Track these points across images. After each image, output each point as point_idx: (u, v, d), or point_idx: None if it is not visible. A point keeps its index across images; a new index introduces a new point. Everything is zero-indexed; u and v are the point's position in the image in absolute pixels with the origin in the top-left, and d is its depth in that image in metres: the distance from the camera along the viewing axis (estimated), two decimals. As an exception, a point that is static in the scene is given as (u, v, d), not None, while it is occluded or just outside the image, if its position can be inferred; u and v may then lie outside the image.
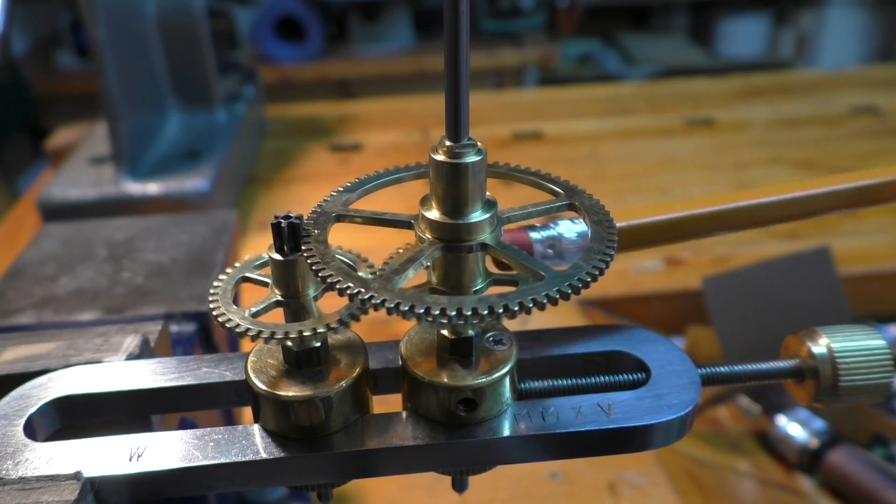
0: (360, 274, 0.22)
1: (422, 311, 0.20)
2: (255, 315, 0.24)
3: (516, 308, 0.20)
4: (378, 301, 0.20)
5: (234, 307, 0.24)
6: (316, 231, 0.24)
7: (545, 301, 0.20)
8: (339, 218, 0.25)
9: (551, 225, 0.27)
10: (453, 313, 0.20)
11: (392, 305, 0.20)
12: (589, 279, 0.21)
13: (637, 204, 0.70)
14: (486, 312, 0.20)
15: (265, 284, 0.25)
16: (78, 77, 1.82)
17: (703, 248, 0.76)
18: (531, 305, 0.20)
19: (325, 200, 0.25)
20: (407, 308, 0.20)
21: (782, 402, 0.59)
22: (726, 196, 0.29)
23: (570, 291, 0.21)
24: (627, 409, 0.24)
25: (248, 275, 0.26)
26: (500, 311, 0.20)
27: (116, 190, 0.75)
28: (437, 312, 0.20)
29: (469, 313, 0.20)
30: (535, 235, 0.26)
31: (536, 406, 0.25)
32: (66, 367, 0.27)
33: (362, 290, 0.21)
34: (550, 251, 0.26)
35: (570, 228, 0.27)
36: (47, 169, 1.02)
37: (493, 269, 0.25)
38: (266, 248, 0.24)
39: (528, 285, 0.21)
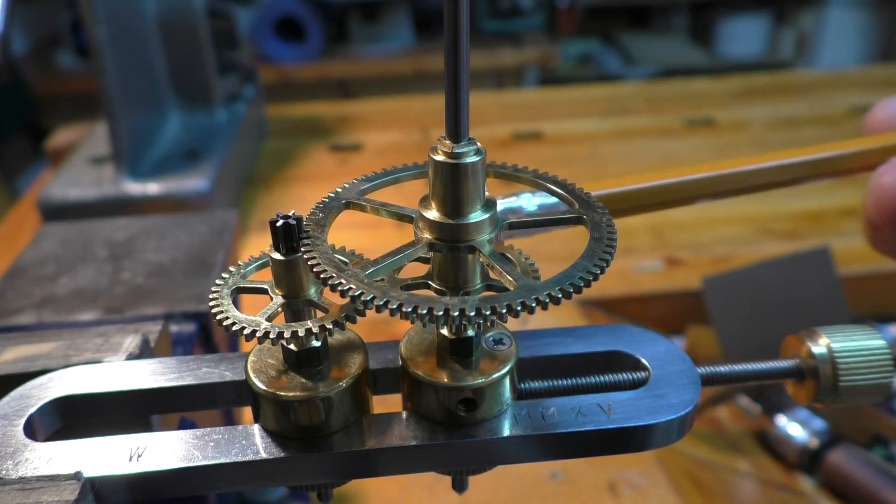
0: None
1: (409, 309, 0.20)
2: (268, 320, 0.24)
3: (519, 308, 0.20)
4: (368, 298, 0.20)
5: (234, 307, 0.24)
6: (321, 215, 0.24)
7: (547, 300, 0.20)
8: (348, 205, 0.25)
9: (513, 196, 0.27)
10: (455, 314, 0.20)
11: (383, 303, 0.20)
12: (590, 278, 0.21)
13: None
14: (488, 312, 0.20)
15: (263, 291, 0.25)
16: (78, 77, 1.82)
17: (703, 248, 0.76)
18: (534, 305, 0.20)
19: (335, 192, 0.25)
20: (395, 307, 0.20)
21: (782, 402, 0.59)
22: (705, 165, 0.30)
23: (571, 290, 0.21)
24: (627, 409, 0.24)
25: (242, 285, 0.25)
26: (504, 311, 0.20)
27: (116, 190, 0.75)
28: (428, 312, 0.20)
29: (472, 313, 0.20)
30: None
31: (536, 406, 0.25)
32: (66, 367, 0.27)
33: (353, 287, 0.21)
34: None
35: (531, 201, 0.27)
36: (47, 169, 1.02)
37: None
38: (266, 248, 0.24)
39: (527, 285, 0.21)
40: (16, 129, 1.94)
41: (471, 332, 0.24)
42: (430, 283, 0.24)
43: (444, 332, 0.24)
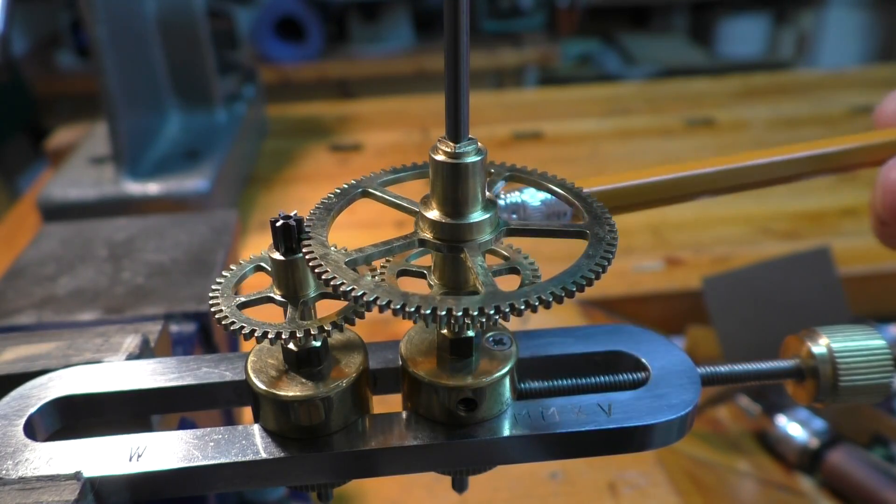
0: (357, 272, 0.22)
1: (411, 309, 0.20)
2: (240, 307, 0.24)
3: (522, 307, 0.20)
4: (371, 299, 0.20)
5: (235, 307, 0.24)
6: (334, 199, 0.24)
7: (550, 299, 0.20)
8: (365, 193, 0.25)
9: (516, 192, 0.27)
10: (457, 314, 0.20)
11: (384, 303, 0.20)
12: (592, 276, 0.21)
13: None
14: (490, 312, 0.20)
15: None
16: (78, 77, 1.82)
17: (704, 248, 0.76)
18: (537, 304, 0.20)
19: (355, 180, 0.26)
20: (398, 307, 0.20)
21: (782, 402, 0.59)
22: (707, 160, 0.30)
23: (573, 289, 0.21)
24: (627, 409, 0.24)
25: (262, 264, 0.26)
26: (506, 310, 0.20)
27: (116, 190, 0.74)
28: (431, 312, 0.20)
29: (474, 313, 0.20)
30: (499, 202, 0.26)
31: (536, 406, 0.25)
32: (66, 367, 0.27)
33: (355, 287, 0.21)
34: (514, 216, 0.27)
35: (535, 196, 0.27)
36: (47, 169, 1.02)
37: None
38: (266, 247, 0.24)
39: (528, 284, 0.21)
40: (16, 129, 1.94)
41: (471, 333, 0.24)
42: (431, 283, 0.24)
43: (445, 332, 0.24)
